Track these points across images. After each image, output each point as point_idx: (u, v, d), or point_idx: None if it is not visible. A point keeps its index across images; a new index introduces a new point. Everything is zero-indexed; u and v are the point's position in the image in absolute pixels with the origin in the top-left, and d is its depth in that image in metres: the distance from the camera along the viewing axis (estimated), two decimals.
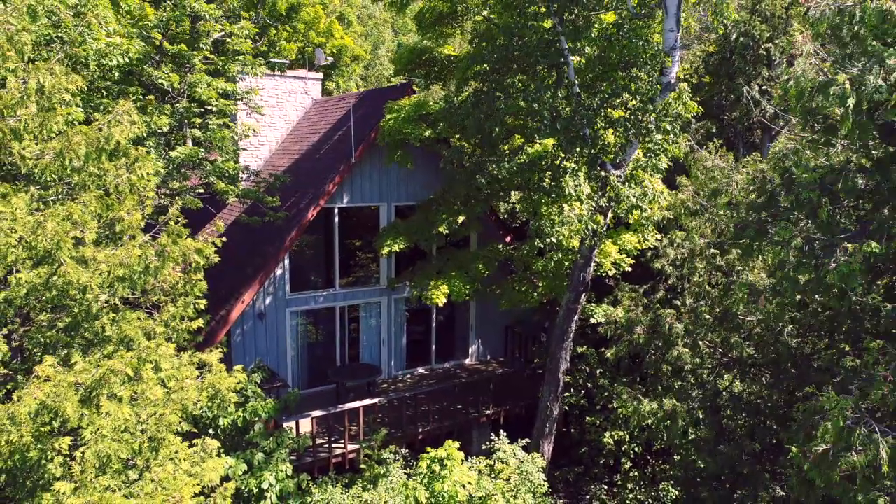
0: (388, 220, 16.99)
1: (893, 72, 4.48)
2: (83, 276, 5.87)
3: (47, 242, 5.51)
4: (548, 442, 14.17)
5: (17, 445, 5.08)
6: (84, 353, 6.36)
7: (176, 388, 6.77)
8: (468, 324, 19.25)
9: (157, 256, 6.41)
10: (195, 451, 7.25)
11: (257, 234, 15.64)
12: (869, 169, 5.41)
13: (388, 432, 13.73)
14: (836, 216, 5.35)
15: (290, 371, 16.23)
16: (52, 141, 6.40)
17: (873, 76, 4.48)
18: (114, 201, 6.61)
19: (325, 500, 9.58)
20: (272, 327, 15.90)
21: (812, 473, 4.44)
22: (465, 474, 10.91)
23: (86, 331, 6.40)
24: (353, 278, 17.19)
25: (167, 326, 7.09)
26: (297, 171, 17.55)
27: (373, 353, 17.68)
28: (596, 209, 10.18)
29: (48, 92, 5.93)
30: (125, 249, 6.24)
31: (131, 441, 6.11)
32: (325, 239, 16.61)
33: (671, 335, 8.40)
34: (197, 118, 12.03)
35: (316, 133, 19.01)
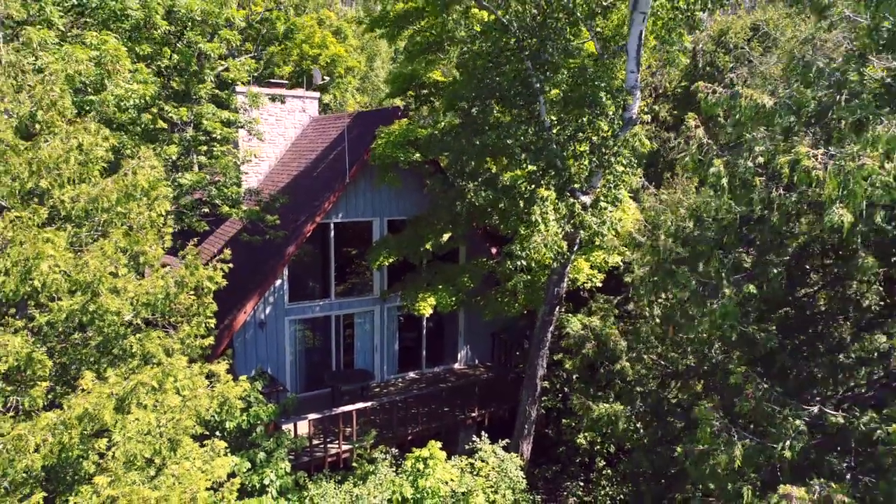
0: (380, 233, 18.10)
1: (758, 156, 5.62)
2: (116, 303, 7.01)
3: (90, 277, 6.64)
4: (527, 442, 15.32)
5: (66, 445, 6.19)
6: (112, 367, 7.49)
7: (190, 396, 7.90)
8: (457, 330, 20.37)
9: (176, 286, 7.55)
10: (206, 450, 8.38)
11: (258, 248, 16.75)
12: (754, 222, 6.52)
13: (379, 433, 14.87)
14: (727, 263, 6.46)
15: (289, 375, 17.34)
16: (85, 184, 7.53)
17: (743, 160, 5.61)
18: (137, 237, 7.74)
19: (319, 495, 10.71)
20: (272, 335, 17.01)
21: (689, 469, 5.54)
22: (447, 472, 12.03)
23: (114, 348, 7.52)
24: (347, 288, 18.32)
25: (183, 343, 8.22)
26: (296, 187, 18.67)
27: (366, 359, 18.80)
28: (564, 234, 11.33)
29: (86, 148, 7.06)
30: (150, 280, 7.38)
31: (153, 442, 7.24)
32: (321, 251, 17.72)
33: (615, 351, 9.55)
34: (202, 146, 13.15)
35: (313, 150, 20.13)
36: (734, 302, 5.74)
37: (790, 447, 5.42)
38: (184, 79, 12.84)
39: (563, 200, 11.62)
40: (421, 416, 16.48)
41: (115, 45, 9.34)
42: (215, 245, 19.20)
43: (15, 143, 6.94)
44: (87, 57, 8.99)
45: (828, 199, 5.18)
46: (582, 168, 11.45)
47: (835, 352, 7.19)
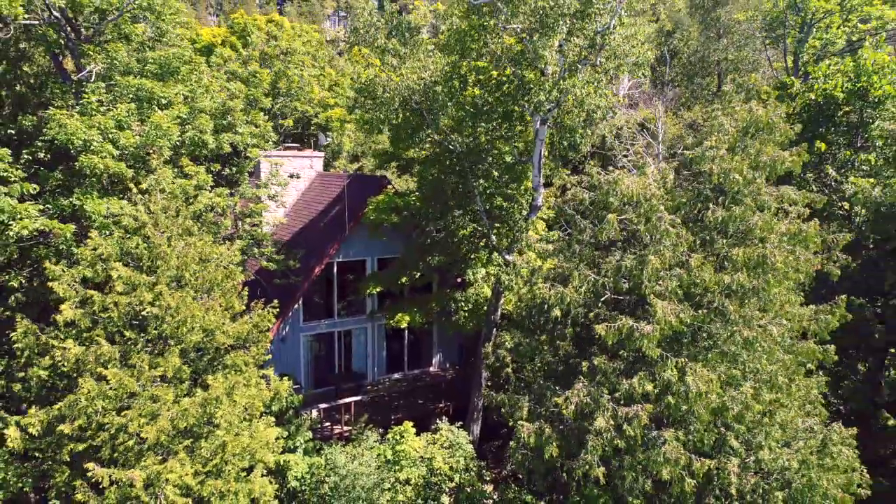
0: (372, 268, 23.98)
1: (585, 282, 11.37)
2: (222, 338, 12.87)
3: (210, 325, 12.48)
4: (476, 424, 21.25)
5: (206, 412, 11.99)
6: (220, 372, 13.32)
7: (257, 391, 13.77)
8: (432, 340, 26.26)
9: (254, 327, 13.43)
10: (265, 422, 14.23)
11: (276, 279, 22.56)
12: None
13: (369, 419, 20.77)
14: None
15: (303, 375, 23.21)
16: (200, 269, 13.38)
17: (570, 290, 11.41)
18: (231, 298, 13.61)
19: (329, 453, 16.57)
20: (291, 346, 22.88)
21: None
22: (416, 442, 17.96)
23: (220, 362, 13.36)
24: (347, 309, 24.19)
25: (254, 358, 14.05)
26: (308, 234, 24.55)
27: (361, 363, 24.68)
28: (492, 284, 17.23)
29: (200, 249, 12.93)
30: (240, 323, 13.25)
31: (240, 415, 13.10)
32: (326, 283, 23.59)
33: (504, 364, 15.27)
34: (247, 217, 18.99)
35: (320, 203, 25.99)
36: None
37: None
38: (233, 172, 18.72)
39: (492, 262, 17.56)
40: (401, 407, 22.39)
41: (204, 175, 15.21)
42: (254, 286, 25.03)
43: (168, 252, 12.78)
44: (191, 185, 14.88)
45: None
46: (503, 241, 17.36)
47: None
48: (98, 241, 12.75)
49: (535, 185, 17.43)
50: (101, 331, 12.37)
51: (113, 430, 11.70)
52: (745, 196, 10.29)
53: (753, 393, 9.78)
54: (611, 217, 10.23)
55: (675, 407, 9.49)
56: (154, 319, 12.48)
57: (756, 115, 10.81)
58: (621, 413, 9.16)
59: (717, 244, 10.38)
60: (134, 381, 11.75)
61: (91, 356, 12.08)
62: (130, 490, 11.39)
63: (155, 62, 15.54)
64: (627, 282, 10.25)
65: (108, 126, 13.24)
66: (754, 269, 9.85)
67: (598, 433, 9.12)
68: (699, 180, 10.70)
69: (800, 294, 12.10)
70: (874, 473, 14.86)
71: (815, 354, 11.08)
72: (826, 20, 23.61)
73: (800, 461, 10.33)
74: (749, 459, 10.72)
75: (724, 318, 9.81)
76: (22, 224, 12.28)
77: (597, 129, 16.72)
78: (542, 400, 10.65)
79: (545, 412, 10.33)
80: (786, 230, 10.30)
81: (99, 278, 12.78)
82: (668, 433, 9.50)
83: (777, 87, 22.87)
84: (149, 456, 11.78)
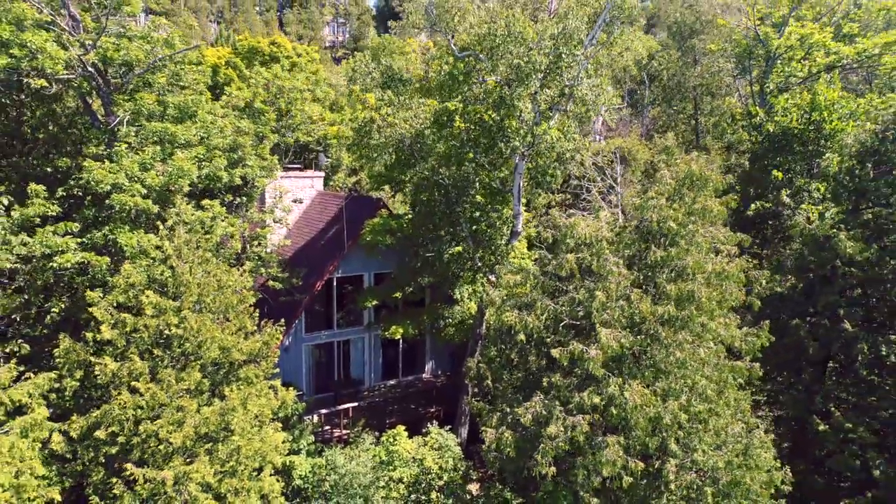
0: (369, 282, 25.93)
1: (545, 311, 13.14)
2: (237, 354, 14.81)
3: (227, 344, 14.42)
4: (464, 428, 23.21)
5: (223, 420, 13.93)
6: (234, 384, 15.25)
7: (267, 400, 15.70)
8: (425, 349, 28.21)
9: (263, 344, 15.37)
10: (273, 427, 16.17)
11: (282, 297, 24.50)
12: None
13: (366, 423, 22.71)
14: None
15: (305, 382, 25.16)
16: (219, 294, 15.31)
17: (532, 318, 13.25)
18: (243, 318, 15.54)
19: (329, 455, 18.51)
20: (294, 355, 24.82)
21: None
22: (408, 444, 19.93)
23: (235, 375, 15.29)
24: (345, 321, 26.13)
25: (263, 371, 15.98)
26: (309, 252, 26.49)
27: (359, 371, 26.64)
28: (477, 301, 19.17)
29: (219, 277, 14.86)
30: (252, 341, 15.19)
31: (252, 422, 15.04)
32: (326, 297, 25.53)
33: (483, 377, 17.17)
34: (255, 240, 20.92)
35: (320, 221, 27.94)
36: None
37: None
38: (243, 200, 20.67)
39: (478, 280, 19.52)
40: (396, 411, 24.34)
41: (219, 208, 17.15)
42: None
43: (190, 280, 14.71)
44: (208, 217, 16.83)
45: None
46: (487, 262, 19.34)
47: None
48: (130, 270, 14.69)
49: (516, 212, 19.38)
50: (135, 349, 14.31)
51: (145, 436, 13.64)
52: (681, 238, 12.24)
53: (683, 405, 11.72)
54: (569, 257, 12.19)
55: (617, 416, 11.43)
56: (178, 339, 14.42)
57: (692, 169, 12.76)
58: (569, 422, 11.10)
59: (658, 279, 12.32)
60: (164, 393, 13.69)
61: (125, 371, 14.02)
62: (161, 487, 13.33)
63: (175, 106, 17.49)
64: (581, 310, 12.20)
65: (135, 170, 15.18)
66: (685, 301, 11.79)
67: (550, 438, 11.06)
68: (645, 223, 12.63)
69: (737, 317, 14.06)
70: (812, 473, 16.89)
71: (743, 371, 13.04)
72: (788, 53, 25.59)
73: (726, 462, 12.30)
74: (686, 460, 12.68)
75: (660, 343, 11.74)
76: (65, 258, 14.22)
77: (567, 167, 18.67)
78: (510, 409, 12.59)
79: (511, 420, 12.27)
80: (712, 269, 12.27)
81: (131, 303, 14.72)
82: (612, 439, 11.44)
83: (742, 117, 24.81)
84: (176, 458, 13.72)
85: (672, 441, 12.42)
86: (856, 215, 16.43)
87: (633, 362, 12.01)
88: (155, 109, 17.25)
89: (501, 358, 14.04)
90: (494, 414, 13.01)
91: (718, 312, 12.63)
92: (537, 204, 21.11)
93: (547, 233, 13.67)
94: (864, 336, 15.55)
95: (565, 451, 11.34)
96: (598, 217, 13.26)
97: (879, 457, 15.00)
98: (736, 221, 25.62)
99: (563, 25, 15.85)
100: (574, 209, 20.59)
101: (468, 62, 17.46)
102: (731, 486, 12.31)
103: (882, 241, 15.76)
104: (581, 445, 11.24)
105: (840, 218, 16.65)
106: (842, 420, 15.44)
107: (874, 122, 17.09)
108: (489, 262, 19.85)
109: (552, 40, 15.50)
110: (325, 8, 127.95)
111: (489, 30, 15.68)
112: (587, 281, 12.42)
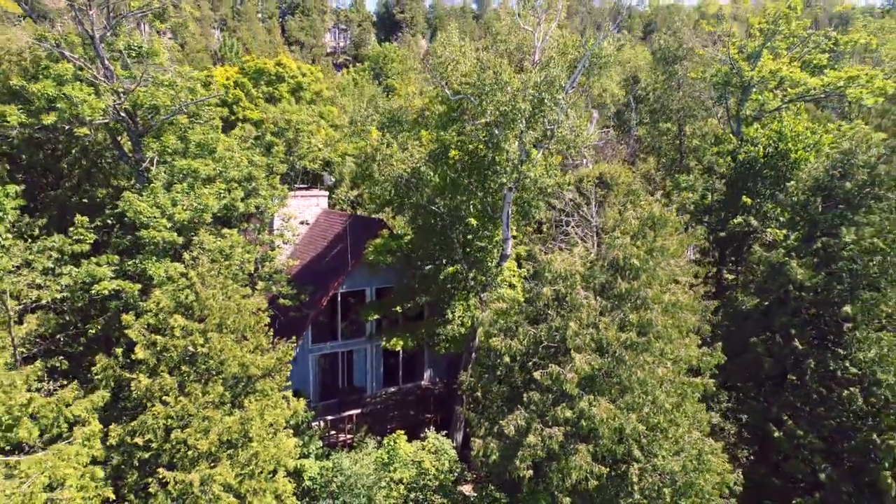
0: (371, 297, 27.82)
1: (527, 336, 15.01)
2: (255, 370, 16.70)
3: (245, 360, 16.31)
4: (459, 433, 25.10)
5: (245, 428, 15.78)
6: (252, 396, 17.13)
7: (281, 410, 17.60)
8: (423, 358, 30.09)
9: (277, 360, 17.27)
10: (286, 434, 18.06)
11: (291, 312, 26.36)
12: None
13: (368, 428, 24.61)
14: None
15: (312, 390, 27.04)
16: (238, 315, 17.21)
17: (515, 342, 15.04)
18: (259, 337, 17.43)
19: (336, 458, 20.41)
20: (301, 365, 26.70)
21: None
22: (407, 447, 21.82)
23: (253, 388, 17.17)
24: (349, 332, 28.01)
25: (277, 385, 17.86)
26: (315, 268, 28.39)
27: (361, 379, 28.53)
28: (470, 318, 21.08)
29: (238, 301, 16.74)
30: (267, 358, 17.09)
31: (268, 430, 16.93)
32: (331, 310, 27.42)
33: (474, 389, 19.07)
34: (267, 262, 22.81)
35: (325, 238, 29.83)
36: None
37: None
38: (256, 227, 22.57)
39: (471, 299, 21.41)
40: (396, 417, 26.24)
41: (237, 237, 19.05)
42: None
43: (213, 304, 16.59)
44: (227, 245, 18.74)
45: None
46: (479, 282, 21.25)
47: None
48: (159, 296, 16.59)
49: (505, 237, 21.28)
50: (164, 366, 16.19)
51: (175, 443, 15.53)
52: (643, 273, 14.11)
53: (643, 417, 13.61)
54: (546, 291, 14.10)
55: (586, 428, 13.32)
56: (203, 357, 16.32)
57: (653, 211, 14.64)
58: (546, 433, 12.99)
59: (624, 308, 14.20)
60: (192, 405, 15.58)
61: (157, 386, 15.91)
62: (189, 488, 15.22)
63: (196, 144, 19.40)
64: (557, 335, 14.08)
65: (167, 205, 17.09)
66: (646, 327, 13.66)
67: (529, 446, 12.94)
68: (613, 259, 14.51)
69: (697, 338, 15.97)
70: (770, 476, 18.79)
71: (699, 386, 14.94)
72: (761, 85, 27.48)
73: (682, 466, 14.19)
74: (648, 465, 14.58)
75: (624, 364, 13.61)
76: (103, 285, 16.13)
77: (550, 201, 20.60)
78: (496, 420, 14.49)
79: (497, 431, 14.16)
80: (668, 299, 14.14)
81: (160, 325, 16.60)
82: (582, 447, 13.32)
83: (716, 143, 26.69)
84: (202, 462, 15.61)
85: (636, 448, 14.33)
86: (808, 244, 18.32)
87: (602, 380, 13.90)
88: (178, 147, 19.17)
89: (490, 374, 15.93)
90: (482, 424, 14.92)
91: (677, 336, 14.52)
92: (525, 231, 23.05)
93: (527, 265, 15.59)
94: (814, 353, 17.43)
95: (542, 457, 13.23)
96: (573, 252, 15.14)
97: (825, 462, 16.86)
98: (715, 240, 27.61)
99: (546, 74, 17.73)
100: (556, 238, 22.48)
101: (461, 102, 19.36)
102: (686, 487, 14.20)
103: (830, 267, 17.63)
104: (556, 452, 13.12)
105: (794, 245, 18.54)
106: (794, 428, 17.30)
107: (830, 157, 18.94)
108: (481, 282, 21.75)
109: (535, 88, 17.38)
110: (326, 15, 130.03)
111: (479, 78, 17.56)
112: (562, 310, 14.32)
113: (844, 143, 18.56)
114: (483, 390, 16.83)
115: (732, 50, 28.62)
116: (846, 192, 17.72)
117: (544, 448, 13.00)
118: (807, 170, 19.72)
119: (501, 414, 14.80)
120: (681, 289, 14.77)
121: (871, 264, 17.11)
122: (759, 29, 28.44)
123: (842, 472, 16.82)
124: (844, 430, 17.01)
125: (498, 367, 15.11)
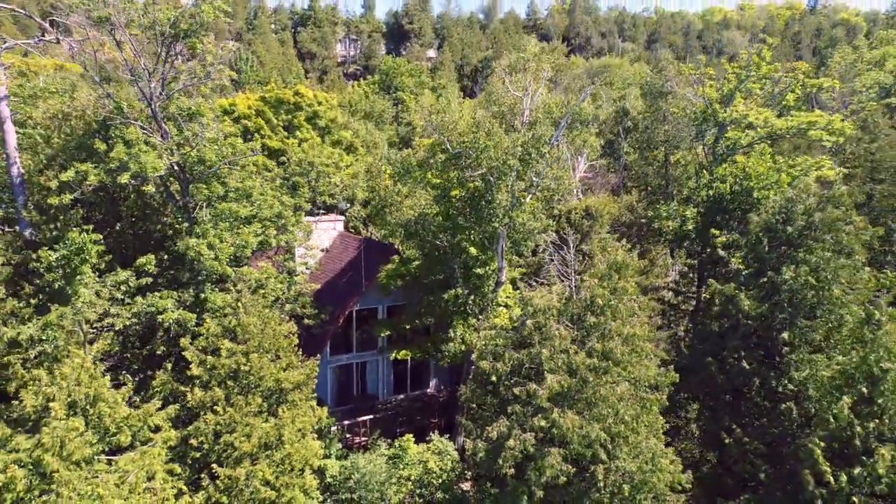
0: (383, 314, 31.18)
1: (511, 359, 18.30)
2: (288, 384, 20.06)
3: (280, 376, 19.64)
4: (460, 437, 28.38)
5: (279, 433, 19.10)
6: (285, 405, 20.47)
7: (308, 416, 20.94)
8: (429, 368, 33.43)
9: (305, 376, 20.61)
10: (312, 437, 21.41)
11: (311, 328, 29.73)
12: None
13: (380, 432, 27.96)
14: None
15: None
16: (265, 338, 20.58)
17: (501, 365, 18.34)
18: (290, 356, 20.78)
19: (353, 458, 23.75)
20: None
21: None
22: (414, 449, 25.17)
23: (286, 399, 20.51)
24: (362, 345, 31.38)
25: (306, 396, 21.19)
26: (333, 288, 31.78)
27: (374, 387, 31.90)
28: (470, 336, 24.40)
29: (266, 318, 20.10)
30: (297, 373, 20.43)
31: (297, 434, 20.28)
32: (346, 325, 30.79)
33: (473, 399, 22.32)
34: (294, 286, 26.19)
35: (341, 260, 33.21)
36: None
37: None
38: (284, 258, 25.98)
39: (471, 319, 24.72)
40: (404, 422, 29.59)
41: (271, 269, 22.42)
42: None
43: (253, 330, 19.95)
44: (263, 276, 22.12)
45: None
46: (478, 305, 24.57)
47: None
48: (209, 323, 19.99)
49: (500, 266, 24.58)
50: (214, 381, 19.56)
51: (223, 445, 18.90)
52: (608, 309, 17.33)
53: (606, 426, 16.85)
54: (529, 323, 17.39)
55: (557, 435, 16.59)
56: (245, 373, 19.70)
57: (617, 258, 17.89)
58: (522, 437, 16.26)
59: (591, 338, 17.45)
60: (237, 414, 18.96)
61: (208, 398, 19.30)
62: (235, 482, 18.59)
63: (235, 190, 22.80)
64: (536, 359, 17.35)
65: (216, 243, 20.50)
66: (609, 353, 16.90)
67: (510, 448, 16.22)
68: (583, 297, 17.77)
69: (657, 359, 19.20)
70: (724, 476, 21.97)
71: (655, 401, 18.17)
72: (734, 124, 30.62)
73: (638, 466, 17.43)
74: (612, 465, 17.84)
75: (589, 383, 16.86)
76: (167, 315, 19.55)
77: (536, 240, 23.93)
78: (485, 427, 17.81)
79: (485, 436, 17.46)
80: (628, 331, 17.37)
81: (210, 347, 19.99)
82: (554, 450, 16.58)
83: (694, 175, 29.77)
84: (245, 461, 18.98)
85: (602, 452, 17.59)
86: (757, 278, 21.46)
87: (571, 396, 17.18)
88: (220, 192, 22.57)
89: (481, 389, 19.23)
90: (474, 431, 18.23)
91: (636, 360, 17.78)
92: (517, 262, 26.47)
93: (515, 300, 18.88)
94: (759, 371, 20.59)
95: (521, 458, 16.51)
96: (552, 290, 18.40)
97: (766, 464, 20.02)
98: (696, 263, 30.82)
99: (533, 132, 21.00)
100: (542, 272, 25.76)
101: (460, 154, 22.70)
102: (641, 484, 17.45)
103: (773, 299, 20.78)
104: (532, 454, 16.40)
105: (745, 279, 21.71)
106: (741, 435, 20.47)
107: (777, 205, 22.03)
108: (479, 305, 25.05)
109: (523, 147, 20.62)
110: (338, 26, 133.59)
111: (474, 137, 20.84)
112: (541, 338, 17.61)
113: (789, 191, 21.64)
114: (477, 402, 20.12)
115: (710, 91, 31.79)
116: (787, 235, 20.87)
117: (522, 451, 16.28)
118: (762, 209, 22.81)
119: (490, 422, 18.10)
120: (639, 321, 18.01)
121: (808, 297, 20.25)
122: (734, 73, 31.61)
123: (781, 472, 19.97)
124: (784, 438, 20.16)
125: (487, 384, 18.39)
